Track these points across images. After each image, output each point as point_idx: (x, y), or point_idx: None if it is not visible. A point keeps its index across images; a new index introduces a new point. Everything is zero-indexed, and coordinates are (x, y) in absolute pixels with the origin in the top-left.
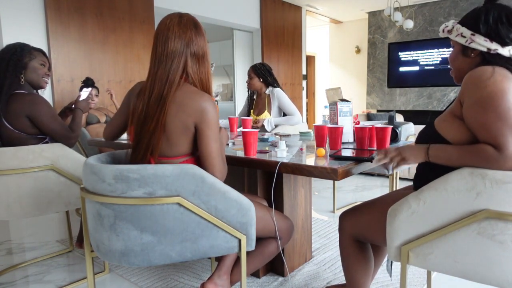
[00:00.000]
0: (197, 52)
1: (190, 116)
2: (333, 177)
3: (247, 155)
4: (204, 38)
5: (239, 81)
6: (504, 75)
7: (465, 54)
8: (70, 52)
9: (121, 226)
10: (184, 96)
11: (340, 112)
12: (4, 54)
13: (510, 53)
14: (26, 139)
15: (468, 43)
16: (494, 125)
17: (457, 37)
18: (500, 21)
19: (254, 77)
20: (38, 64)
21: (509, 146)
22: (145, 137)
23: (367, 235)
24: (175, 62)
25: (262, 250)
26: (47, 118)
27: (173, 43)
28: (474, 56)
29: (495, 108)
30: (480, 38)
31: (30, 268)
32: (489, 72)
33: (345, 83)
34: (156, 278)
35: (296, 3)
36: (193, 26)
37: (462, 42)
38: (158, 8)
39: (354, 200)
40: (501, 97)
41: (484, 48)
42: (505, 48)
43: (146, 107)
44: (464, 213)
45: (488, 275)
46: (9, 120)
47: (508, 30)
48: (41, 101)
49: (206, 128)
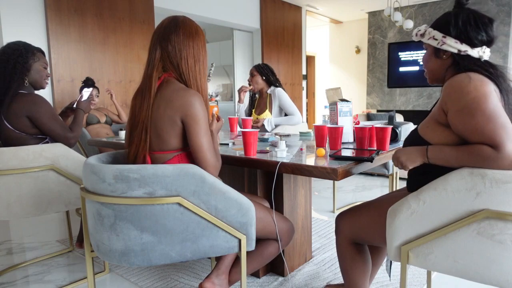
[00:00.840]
0: (176, 48)
1: (176, 111)
2: (333, 177)
3: (247, 155)
4: (192, 39)
5: (239, 81)
6: (481, 79)
7: (437, 55)
8: (70, 53)
9: (121, 226)
10: (172, 93)
11: (340, 112)
12: (9, 55)
13: (479, 54)
14: (26, 139)
15: (440, 45)
16: (486, 127)
17: (429, 40)
18: (469, 24)
19: (257, 75)
20: (41, 67)
21: (505, 144)
22: (136, 134)
23: (365, 236)
24: (153, 60)
25: (262, 251)
26: (47, 118)
27: (155, 44)
28: (446, 58)
29: (482, 112)
30: (451, 40)
31: (30, 268)
32: (467, 79)
33: (345, 83)
34: (156, 278)
35: (296, 3)
36: (174, 24)
37: (434, 44)
38: (158, 8)
39: (354, 200)
40: (484, 100)
41: (455, 50)
42: (474, 49)
43: (136, 101)
44: (464, 213)
45: (488, 274)
46: (9, 120)
47: (476, 32)
48: (41, 101)
49: (193, 122)
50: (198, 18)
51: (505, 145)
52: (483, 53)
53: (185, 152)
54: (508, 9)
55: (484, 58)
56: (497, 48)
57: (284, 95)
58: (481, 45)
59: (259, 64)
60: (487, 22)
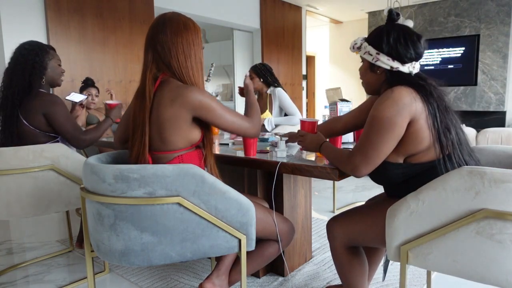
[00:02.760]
0: (165, 47)
1: (183, 108)
2: (333, 177)
3: (248, 155)
4: (181, 36)
5: (239, 81)
6: (401, 96)
7: (372, 70)
8: (70, 53)
9: (121, 226)
10: (171, 92)
11: (340, 112)
12: (26, 56)
13: (409, 69)
14: (39, 136)
15: (374, 61)
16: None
17: (365, 55)
18: (399, 42)
19: (255, 77)
20: (56, 64)
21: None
22: (137, 135)
23: (362, 240)
24: (147, 62)
25: (262, 251)
26: (63, 119)
27: (147, 45)
28: (380, 73)
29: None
30: (384, 57)
31: (30, 268)
32: (386, 99)
33: (345, 83)
34: (156, 278)
35: (296, 3)
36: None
37: (370, 59)
38: (158, 8)
39: (354, 200)
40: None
41: (387, 66)
42: (405, 65)
43: (134, 104)
44: (463, 213)
45: (487, 274)
46: (26, 115)
47: (406, 50)
48: (59, 102)
49: (208, 112)
50: (198, 18)
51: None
52: (412, 68)
53: (187, 153)
54: (508, 9)
55: (414, 72)
56: (497, 48)
57: (284, 95)
58: (410, 61)
59: (256, 65)
60: (415, 40)
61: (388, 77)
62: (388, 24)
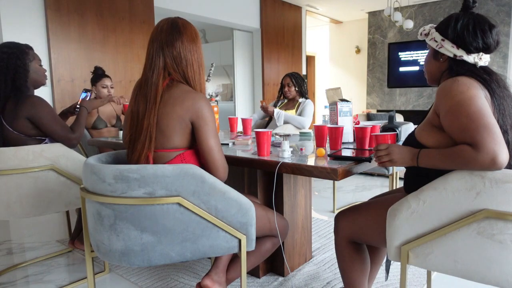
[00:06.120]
0: (181, 54)
1: (187, 112)
2: (333, 177)
3: (261, 155)
4: (195, 44)
5: (239, 81)
6: (469, 83)
7: (435, 58)
8: (70, 52)
9: (121, 226)
10: (181, 94)
11: (340, 112)
12: (6, 61)
13: (474, 60)
14: (25, 140)
15: (438, 48)
16: (468, 127)
17: (430, 41)
18: (467, 29)
19: (293, 86)
20: (37, 64)
21: (485, 142)
22: (140, 134)
23: (364, 236)
24: (158, 68)
25: (259, 248)
26: (48, 120)
27: (157, 50)
28: (443, 61)
29: (466, 113)
30: (448, 44)
31: (30, 268)
32: (455, 83)
33: (345, 83)
34: (156, 278)
35: (296, 3)
36: (176, 30)
37: (434, 46)
38: (158, 8)
39: (354, 200)
40: (469, 102)
41: (451, 54)
42: (470, 55)
43: (139, 106)
44: (464, 213)
45: (488, 274)
46: (8, 120)
47: (473, 39)
48: (41, 102)
49: (203, 124)
50: (198, 18)
51: (484, 144)
52: (479, 60)
53: (188, 151)
54: (508, 9)
55: (480, 64)
56: None
57: (310, 106)
58: (477, 52)
59: (293, 74)
60: (486, 29)
61: (451, 65)
62: (461, 11)
